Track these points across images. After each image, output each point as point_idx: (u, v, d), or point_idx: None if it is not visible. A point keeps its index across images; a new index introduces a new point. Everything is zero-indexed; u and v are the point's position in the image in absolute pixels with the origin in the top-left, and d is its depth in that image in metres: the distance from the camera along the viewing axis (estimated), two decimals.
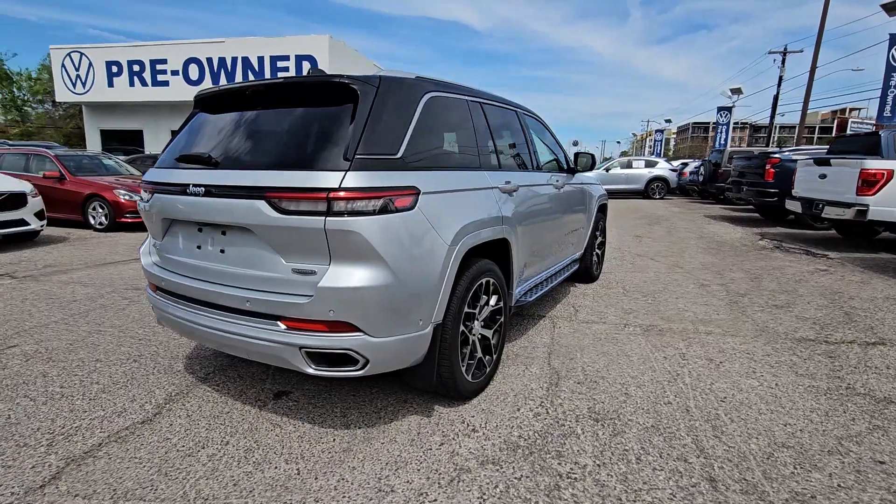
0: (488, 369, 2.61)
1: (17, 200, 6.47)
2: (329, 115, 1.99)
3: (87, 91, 16.39)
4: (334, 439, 2.17)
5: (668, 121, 47.76)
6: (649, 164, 18.52)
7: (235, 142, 2.14)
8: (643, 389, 2.65)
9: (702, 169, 15.73)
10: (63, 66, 16.40)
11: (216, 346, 2.27)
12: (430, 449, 2.09)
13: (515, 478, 1.90)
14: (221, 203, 1.98)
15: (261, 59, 14.45)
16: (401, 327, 1.97)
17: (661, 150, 42.26)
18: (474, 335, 2.49)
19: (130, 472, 1.93)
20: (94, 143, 17.64)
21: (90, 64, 16.04)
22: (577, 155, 4.14)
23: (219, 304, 2.09)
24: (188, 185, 2.07)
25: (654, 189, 17.80)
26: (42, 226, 6.96)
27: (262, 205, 1.86)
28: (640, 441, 2.15)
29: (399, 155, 2.02)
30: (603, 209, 5.05)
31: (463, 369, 2.36)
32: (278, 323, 1.93)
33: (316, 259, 1.87)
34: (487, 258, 2.55)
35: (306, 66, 14.00)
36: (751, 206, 11.74)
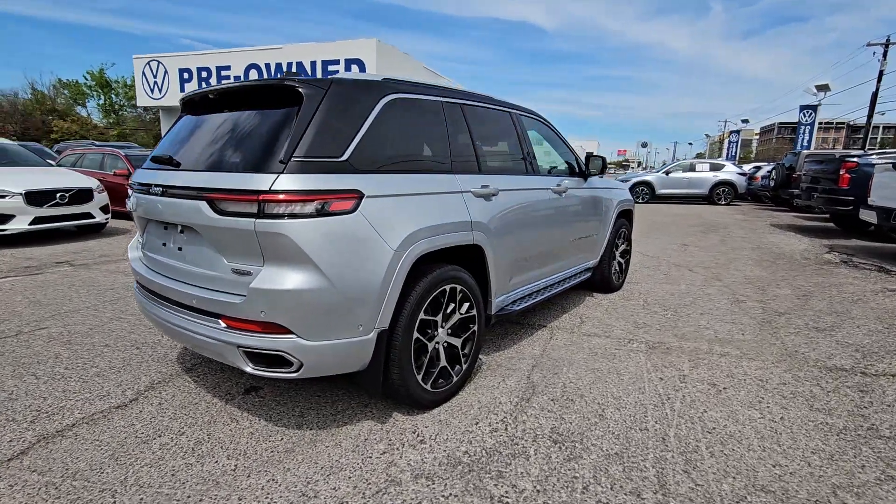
0: (455, 379, 2.53)
1: (85, 195, 7.18)
2: (275, 117, 2.01)
3: (163, 96, 17.93)
4: (282, 438, 2.18)
5: (746, 121, 44.03)
6: (714, 168, 17.28)
7: (196, 144, 2.22)
8: (622, 412, 2.44)
9: (773, 173, 14.45)
10: (143, 73, 18.04)
11: (183, 342, 2.36)
12: (371, 457, 2.05)
13: (443, 496, 1.81)
14: (174, 203, 2.06)
15: (313, 64, 15.13)
16: (336, 332, 1.94)
17: (736, 153, 39.13)
18: (437, 343, 2.41)
19: (88, 453, 2.05)
20: None
21: (165, 71, 17.54)
22: (588, 157, 3.92)
23: (176, 301, 2.17)
24: (151, 185, 2.18)
25: (719, 194, 16.60)
26: (107, 219, 7.66)
27: (203, 205, 1.92)
28: (594, 469, 1.98)
29: (344, 158, 1.99)
30: (626, 215, 4.74)
31: (419, 377, 2.29)
32: (219, 321, 1.98)
33: (252, 260, 1.89)
34: (456, 264, 2.47)
35: (355, 69, 14.47)
36: (827, 215, 10.61)
